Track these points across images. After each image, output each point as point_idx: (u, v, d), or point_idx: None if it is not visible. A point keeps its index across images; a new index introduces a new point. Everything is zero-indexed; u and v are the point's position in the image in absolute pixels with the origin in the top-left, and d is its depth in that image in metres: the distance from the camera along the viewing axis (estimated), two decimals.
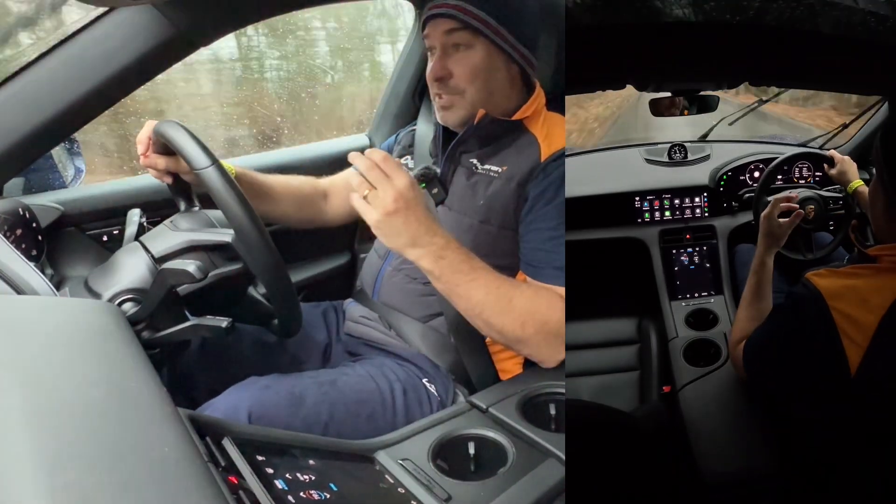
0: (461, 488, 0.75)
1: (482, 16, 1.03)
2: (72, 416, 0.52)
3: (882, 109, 1.76)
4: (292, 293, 0.91)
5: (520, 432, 0.87)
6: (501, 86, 1.09)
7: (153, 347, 0.87)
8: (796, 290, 0.89)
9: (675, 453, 1.17)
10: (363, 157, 0.87)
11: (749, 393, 1.21)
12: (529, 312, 0.95)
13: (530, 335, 0.96)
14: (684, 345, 1.49)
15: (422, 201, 0.89)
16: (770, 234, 1.23)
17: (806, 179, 1.83)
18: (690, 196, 1.82)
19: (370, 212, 0.87)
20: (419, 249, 0.89)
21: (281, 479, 0.63)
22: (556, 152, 1.05)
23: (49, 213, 1.18)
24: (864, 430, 0.84)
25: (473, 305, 0.94)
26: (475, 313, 0.95)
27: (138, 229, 0.99)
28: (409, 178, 0.87)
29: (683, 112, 1.48)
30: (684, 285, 1.71)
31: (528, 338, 0.96)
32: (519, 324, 0.95)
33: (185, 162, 0.87)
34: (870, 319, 0.80)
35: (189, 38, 1.03)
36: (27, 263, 0.83)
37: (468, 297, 0.94)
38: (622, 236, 1.81)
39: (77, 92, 0.99)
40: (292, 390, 0.97)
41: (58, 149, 1.26)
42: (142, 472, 0.48)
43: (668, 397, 1.48)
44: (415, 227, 0.87)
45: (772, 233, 1.23)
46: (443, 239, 0.90)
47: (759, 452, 1.10)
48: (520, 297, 0.95)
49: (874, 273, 0.84)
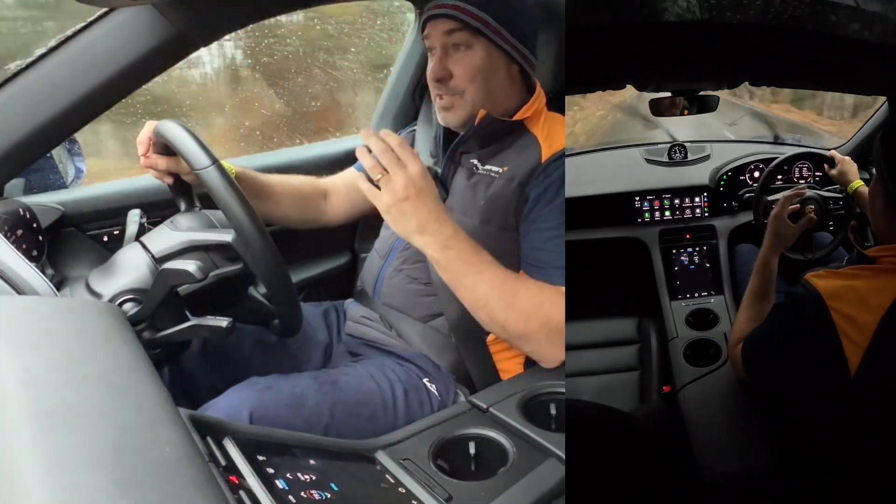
0: (462, 488, 0.75)
1: (482, 16, 1.03)
2: (72, 416, 0.52)
3: (882, 109, 1.76)
4: (293, 293, 0.91)
5: (520, 432, 0.87)
6: (502, 86, 1.09)
7: (154, 347, 0.87)
8: (795, 290, 0.89)
9: (675, 453, 1.17)
10: (378, 140, 0.87)
11: (749, 393, 1.20)
12: (533, 309, 0.95)
13: (533, 332, 0.96)
14: (684, 345, 1.49)
15: (433, 190, 0.90)
16: (778, 233, 1.21)
17: (806, 179, 1.83)
18: (690, 196, 1.82)
19: (381, 196, 0.87)
20: (427, 237, 0.90)
21: (282, 479, 0.63)
22: (556, 153, 1.06)
23: (50, 214, 1.18)
24: (864, 430, 0.84)
25: (478, 298, 0.95)
26: (479, 306, 0.96)
27: (139, 229, 0.99)
28: (422, 165, 0.88)
29: (683, 112, 1.48)
30: (684, 285, 1.71)
31: (531, 334, 0.97)
32: (522, 319, 0.95)
33: (186, 162, 0.88)
34: (869, 320, 0.80)
35: (189, 39, 1.03)
36: (28, 264, 0.83)
37: (473, 289, 0.94)
38: (622, 236, 1.81)
39: (77, 92, 0.99)
40: (293, 391, 0.97)
41: (58, 149, 1.26)
42: (143, 472, 0.48)
43: (668, 397, 1.48)
44: (424, 215, 0.88)
45: (780, 233, 1.21)
46: (451, 229, 0.91)
47: (759, 452, 1.10)
48: (525, 292, 0.96)
49: (874, 274, 0.84)
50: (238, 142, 2.11)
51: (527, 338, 0.98)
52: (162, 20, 0.99)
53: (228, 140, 2.14)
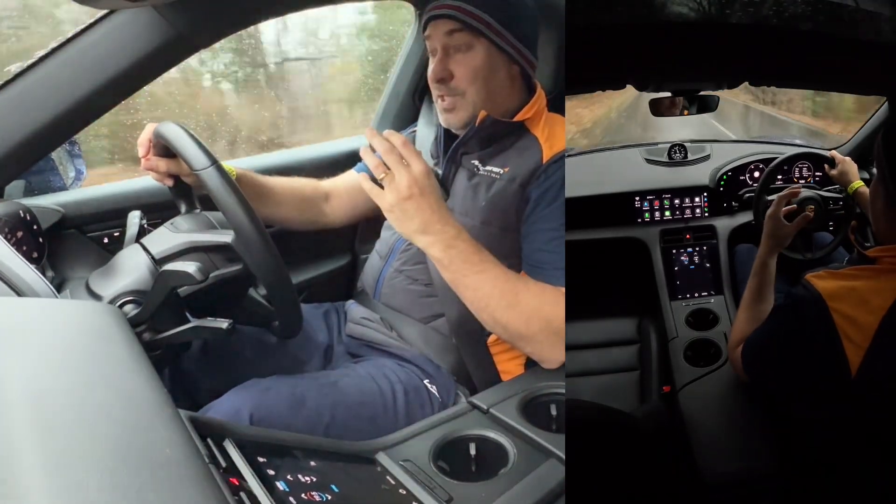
0: (462, 489, 0.75)
1: (483, 16, 1.03)
2: (73, 417, 0.52)
3: (882, 109, 1.76)
4: (293, 294, 0.91)
5: (521, 433, 0.87)
6: (502, 86, 1.09)
7: (154, 349, 0.87)
8: (796, 291, 0.89)
9: (675, 453, 1.17)
10: (382, 139, 0.87)
11: (749, 394, 1.20)
12: (535, 309, 0.95)
13: (535, 332, 0.96)
14: (684, 345, 1.49)
15: (436, 189, 0.90)
16: (774, 234, 1.21)
17: (806, 179, 1.83)
18: (690, 196, 1.82)
19: (384, 195, 0.87)
20: (430, 237, 0.90)
21: (282, 481, 0.63)
22: (557, 154, 1.06)
23: (50, 215, 1.18)
24: (864, 430, 0.84)
25: (480, 297, 0.95)
26: (481, 306, 0.96)
27: (139, 231, 0.99)
28: (425, 165, 0.88)
29: (683, 112, 1.48)
30: (684, 285, 1.71)
31: (533, 335, 0.97)
32: (524, 320, 0.95)
33: (186, 163, 0.88)
34: (870, 320, 0.80)
35: (189, 40, 1.03)
36: (28, 265, 0.83)
37: (476, 289, 0.94)
38: (622, 236, 1.81)
39: (77, 94, 0.99)
40: (294, 392, 0.97)
41: (58, 151, 1.26)
42: (143, 473, 0.48)
43: (668, 397, 1.48)
44: (427, 215, 0.88)
45: (776, 234, 1.21)
46: (454, 229, 0.91)
47: (759, 452, 1.10)
48: (526, 293, 0.96)
49: (874, 274, 0.84)
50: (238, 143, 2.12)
51: (528, 339, 0.98)
52: (162, 22, 0.99)
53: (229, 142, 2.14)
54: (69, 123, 1.02)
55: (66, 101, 0.99)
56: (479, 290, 0.94)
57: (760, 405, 1.16)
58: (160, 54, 1.02)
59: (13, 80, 0.99)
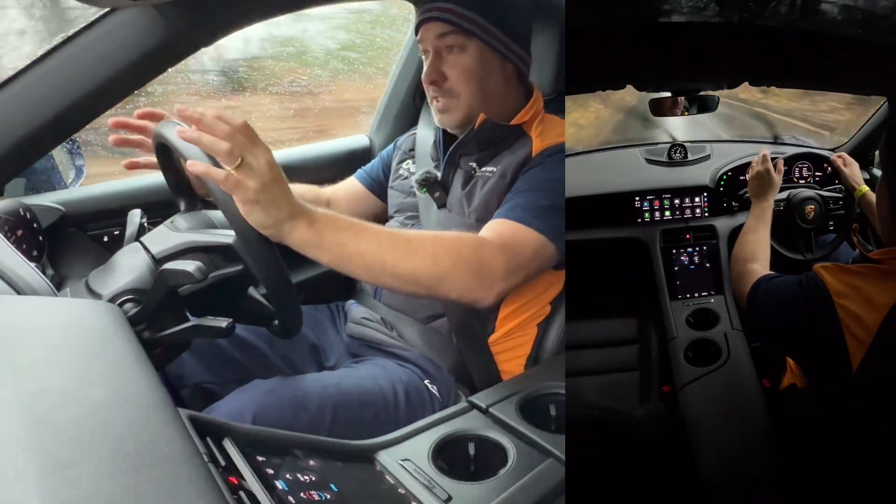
0: (462, 489, 0.75)
1: (474, 17, 1.03)
2: (72, 416, 0.52)
3: (882, 109, 1.76)
4: (293, 294, 0.91)
5: (520, 432, 0.87)
6: (497, 86, 1.09)
7: (154, 348, 0.87)
8: (804, 278, 0.90)
9: (675, 453, 1.17)
10: (218, 123, 0.76)
11: (749, 394, 1.21)
12: (436, 245, 0.87)
13: (447, 269, 0.87)
14: (684, 345, 1.49)
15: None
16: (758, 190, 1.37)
17: (806, 179, 1.83)
18: (690, 196, 1.82)
19: (244, 184, 0.76)
20: (295, 220, 0.80)
21: (281, 480, 0.63)
22: (547, 147, 1.05)
23: (50, 214, 1.18)
24: (864, 428, 0.85)
25: (371, 260, 0.84)
26: (378, 269, 0.85)
27: (139, 230, 0.99)
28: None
29: (683, 112, 1.48)
30: (684, 285, 1.71)
31: (447, 272, 0.87)
32: (430, 259, 0.86)
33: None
34: (873, 317, 0.81)
35: (189, 39, 1.03)
36: (28, 264, 0.83)
37: (361, 253, 0.84)
38: (622, 236, 1.81)
39: (78, 92, 0.99)
40: (296, 393, 0.97)
41: (58, 149, 1.26)
42: (142, 472, 0.48)
43: (668, 397, 1.48)
44: (289, 196, 0.80)
45: (761, 188, 1.36)
46: (310, 208, 0.83)
47: (759, 452, 1.10)
48: (419, 236, 0.89)
49: (879, 274, 0.85)
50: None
51: (446, 277, 0.88)
52: (162, 20, 0.99)
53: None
54: (69, 122, 1.02)
55: (66, 100, 0.99)
56: (365, 252, 0.84)
57: (761, 405, 1.17)
58: (161, 53, 1.02)
59: (13, 79, 0.99)
